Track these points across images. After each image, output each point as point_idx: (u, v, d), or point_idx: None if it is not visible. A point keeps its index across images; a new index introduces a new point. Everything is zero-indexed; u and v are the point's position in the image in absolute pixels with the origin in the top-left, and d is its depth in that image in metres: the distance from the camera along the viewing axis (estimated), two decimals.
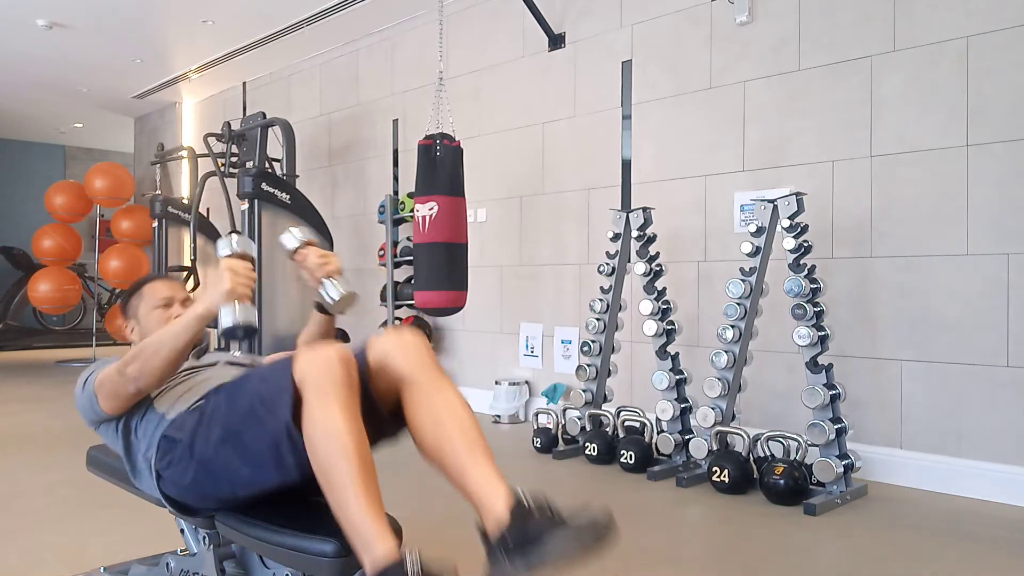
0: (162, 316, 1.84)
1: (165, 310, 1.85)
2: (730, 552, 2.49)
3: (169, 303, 1.86)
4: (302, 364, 1.35)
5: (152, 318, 1.85)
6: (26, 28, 5.79)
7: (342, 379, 1.31)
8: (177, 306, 1.86)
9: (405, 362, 1.48)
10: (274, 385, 1.39)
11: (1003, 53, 3.00)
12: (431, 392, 1.47)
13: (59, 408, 5.16)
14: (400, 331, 1.54)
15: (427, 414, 1.45)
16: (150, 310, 1.86)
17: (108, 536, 2.57)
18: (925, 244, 3.19)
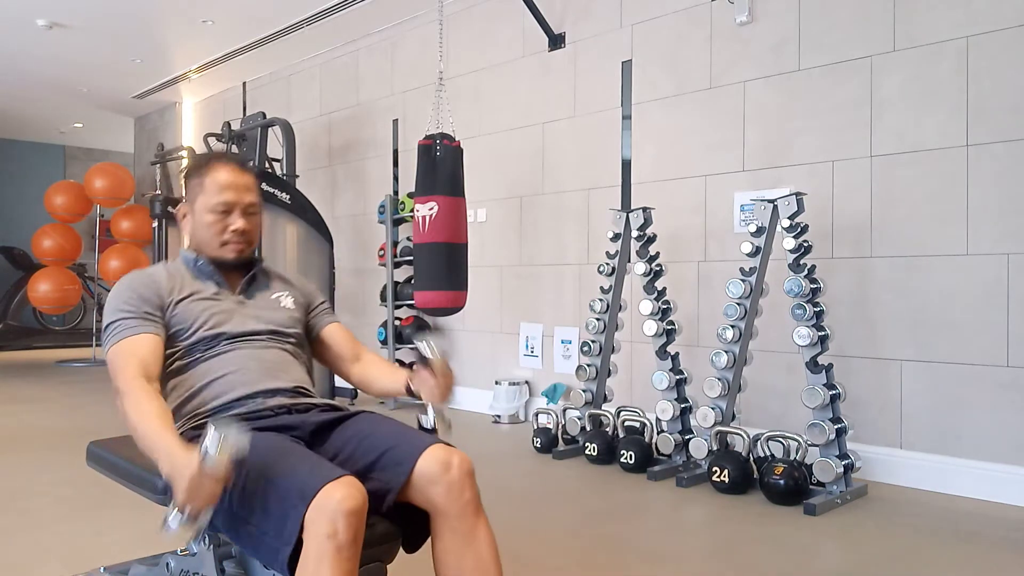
0: (217, 226, 1.64)
1: (222, 218, 1.64)
2: (730, 552, 2.49)
3: (229, 210, 1.64)
4: (312, 512, 1.25)
5: (205, 222, 1.65)
6: (26, 28, 5.79)
7: (345, 542, 1.24)
8: (237, 215, 1.65)
9: (446, 499, 1.43)
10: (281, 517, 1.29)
11: (1003, 53, 3.00)
12: (464, 541, 1.43)
13: (59, 408, 5.16)
14: (450, 460, 1.44)
15: (454, 564, 1.44)
16: (206, 210, 1.65)
17: (108, 536, 2.57)
18: (925, 244, 3.19)
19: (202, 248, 1.69)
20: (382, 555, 1.44)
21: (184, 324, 1.60)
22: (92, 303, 9.16)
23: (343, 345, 1.83)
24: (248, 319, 1.66)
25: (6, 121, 9.25)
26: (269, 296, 1.75)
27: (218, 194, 1.64)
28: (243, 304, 1.69)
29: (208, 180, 1.65)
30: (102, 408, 5.16)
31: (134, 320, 1.53)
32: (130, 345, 1.50)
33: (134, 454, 1.79)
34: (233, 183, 1.65)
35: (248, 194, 1.68)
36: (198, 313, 1.61)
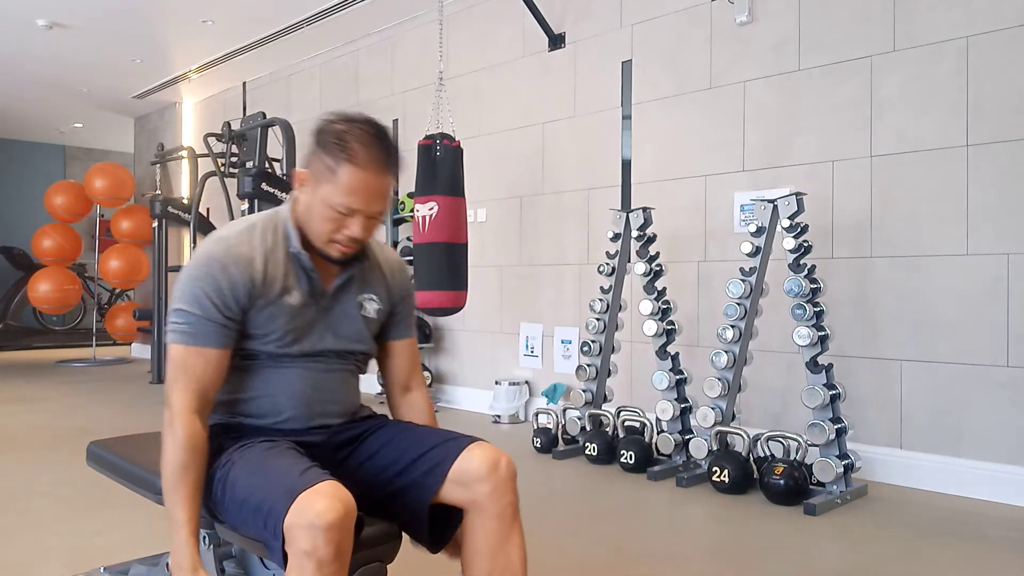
0: (331, 224, 1.42)
1: (340, 219, 1.41)
2: (730, 552, 2.49)
3: (349, 213, 1.41)
4: (292, 517, 1.21)
5: (320, 214, 1.42)
6: (26, 28, 5.79)
7: (326, 558, 1.18)
8: (357, 221, 1.42)
9: (490, 498, 1.41)
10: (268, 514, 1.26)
11: (1003, 53, 3.00)
12: (498, 543, 1.42)
13: (59, 408, 5.16)
14: (499, 459, 1.44)
15: (486, 565, 1.42)
16: (326, 204, 1.40)
17: (108, 536, 2.57)
18: (925, 244, 3.19)
19: (306, 231, 1.47)
20: (382, 555, 1.44)
21: (260, 330, 1.46)
22: (92, 303, 9.16)
23: (400, 369, 1.70)
24: (325, 334, 1.52)
25: (6, 121, 9.25)
26: (355, 299, 1.57)
27: (346, 195, 1.39)
28: (326, 313, 1.53)
29: (342, 172, 1.39)
30: (102, 408, 5.16)
31: (212, 325, 1.39)
32: (197, 358, 1.38)
33: (134, 454, 1.79)
34: (366, 188, 1.39)
35: (378, 202, 1.43)
36: (276, 326, 1.46)
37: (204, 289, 1.39)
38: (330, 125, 1.45)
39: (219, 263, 1.41)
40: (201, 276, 1.40)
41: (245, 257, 1.43)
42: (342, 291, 1.55)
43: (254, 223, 1.49)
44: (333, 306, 1.53)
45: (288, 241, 1.49)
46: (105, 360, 8.01)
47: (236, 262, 1.41)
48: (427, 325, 5.23)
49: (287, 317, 1.46)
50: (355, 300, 1.57)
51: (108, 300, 9.61)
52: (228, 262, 1.41)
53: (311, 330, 1.50)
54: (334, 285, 1.53)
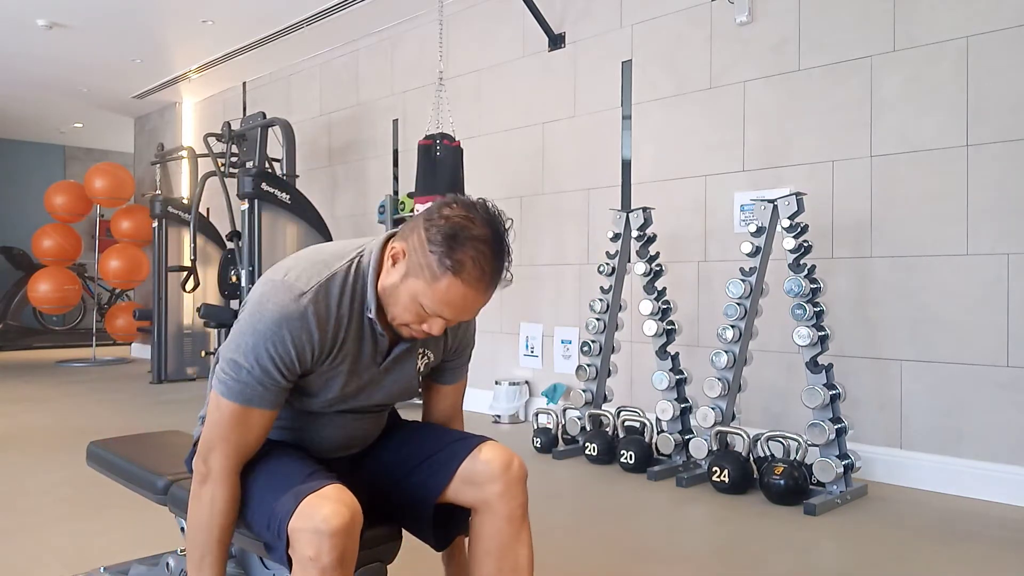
0: (413, 317, 1.33)
1: (424, 316, 1.33)
2: (730, 552, 2.49)
3: (429, 317, 1.33)
4: (296, 521, 1.19)
5: (406, 305, 1.32)
6: (26, 28, 5.79)
7: (329, 564, 1.16)
8: (439, 324, 1.33)
9: (500, 498, 1.39)
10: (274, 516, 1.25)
11: (1003, 53, 3.00)
12: (507, 544, 1.41)
13: (59, 408, 5.16)
14: (511, 460, 1.42)
15: (493, 566, 1.42)
16: (415, 298, 1.30)
17: (108, 536, 2.57)
18: (925, 244, 3.19)
19: (385, 305, 1.35)
20: (382, 555, 1.44)
21: (314, 386, 1.38)
22: (92, 303, 9.16)
23: (443, 410, 1.66)
24: (378, 393, 1.46)
25: (6, 121, 9.25)
26: (415, 359, 1.47)
27: (439, 305, 1.29)
28: (383, 374, 1.44)
29: (443, 283, 1.27)
30: (102, 408, 5.16)
31: (271, 389, 1.29)
32: (248, 420, 1.29)
33: (134, 454, 1.79)
34: (463, 303, 1.30)
35: (470, 314, 1.36)
36: (332, 388, 1.38)
37: (269, 350, 1.27)
38: (446, 212, 1.30)
39: (295, 323, 1.27)
40: (269, 335, 1.26)
41: (322, 321, 1.30)
42: (405, 354, 1.45)
43: (334, 272, 1.34)
44: (393, 368, 1.45)
45: (368, 318, 1.37)
46: (105, 360, 8.01)
47: (311, 327, 1.29)
48: None
49: (343, 382, 1.38)
50: (414, 361, 1.47)
51: (108, 300, 9.61)
52: (303, 325, 1.28)
53: (366, 389, 1.43)
54: (398, 349, 1.43)
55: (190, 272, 6.14)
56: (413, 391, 1.53)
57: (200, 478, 1.30)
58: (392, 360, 1.43)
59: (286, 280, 1.30)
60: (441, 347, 1.53)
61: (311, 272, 1.32)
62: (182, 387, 6.25)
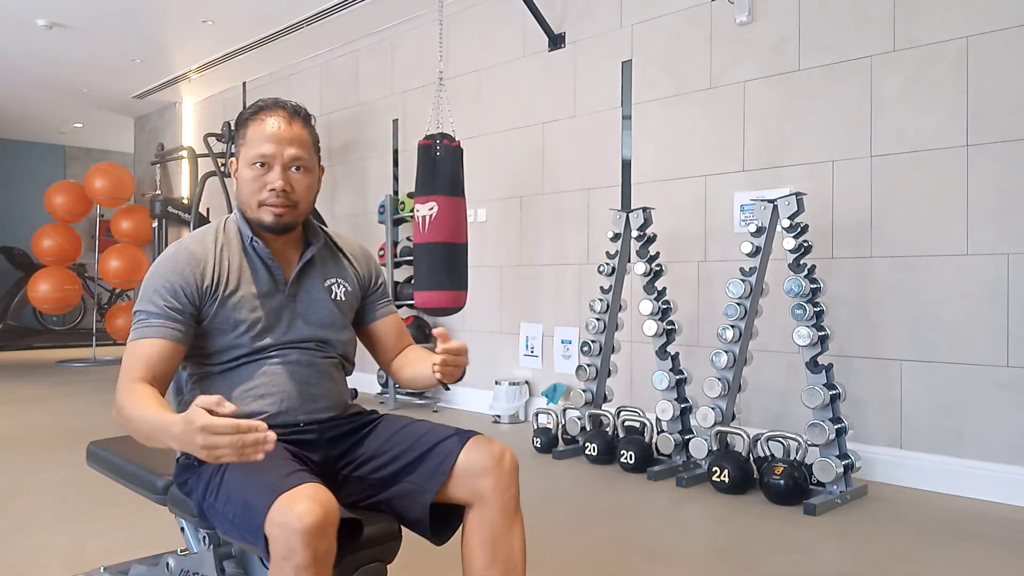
0: (254, 184, 1.49)
1: (261, 174, 1.49)
2: (730, 552, 2.49)
3: (268, 163, 1.49)
4: (272, 515, 1.18)
5: (244, 178, 1.51)
6: (26, 28, 5.79)
7: (303, 563, 1.15)
8: (277, 171, 1.49)
9: (493, 491, 1.42)
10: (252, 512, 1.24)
11: (1003, 53, 3.00)
12: (501, 533, 1.43)
13: (59, 408, 5.16)
14: (503, 453, 1.45)
15: (488, 557, 1.42)
16: (245, 164, 1.51)
17: (108, 536, 2.57)
18: (925, 244, 3.19)
19: (243, 209, 1.54)
20: (382, 555, 1.44)
21: (223, 326, 1.48)
22: (92, 303, 9.16)
23: (390, 340, 1.72)
24: (296, 322, 1.54)
25: (6, 121, 9.26)
26: (322, 284, 1.60)
27: (256, 146, 1.49)
28: (292, 301, 1.55)
29: (251, 130, 1.51)
30: (102, 408, 5.16)
31: (159, 319, 1.42)
32: (147, 348, 1.41)
33: (134, 454, 1.79)
34: (276, 134, 1.49)
35: (292, 146, 1.50)
36: (242, 317, 1.49)
37: (156, 285, 1.44)
38: (242, 112, 1.56)
39: (169, 264, 1.47)
40: (154, 276, 1.46)
41: (196, 256, 1.48)
42: (304, 276, 1.58)
43: (211, 225, 1.57)
44: (298, 293, 1.57)
45: (243, 237, 1.55)
46: (105, 360, 8.01)
47: (188, 261, 1.47)
48: (427, 325, 5.23)
49: (249, 307, 1.49)
50: (321, 285, 1.59)
51: (108, 300, 9.61)
52: (179, 264, 1.46)
53: (279, 319, 1.53)
54: (293, 274, 1.56)
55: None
56: (337, 319, 1.60)
57: (116, 402, 1.37)
58: (295, 284, 1.56)
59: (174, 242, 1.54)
60: (349, 271, 1.66)
61: (195, 231, 1.57)
62: None
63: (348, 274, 1.66)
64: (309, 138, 1.57)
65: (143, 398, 1.33)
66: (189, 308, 1.45)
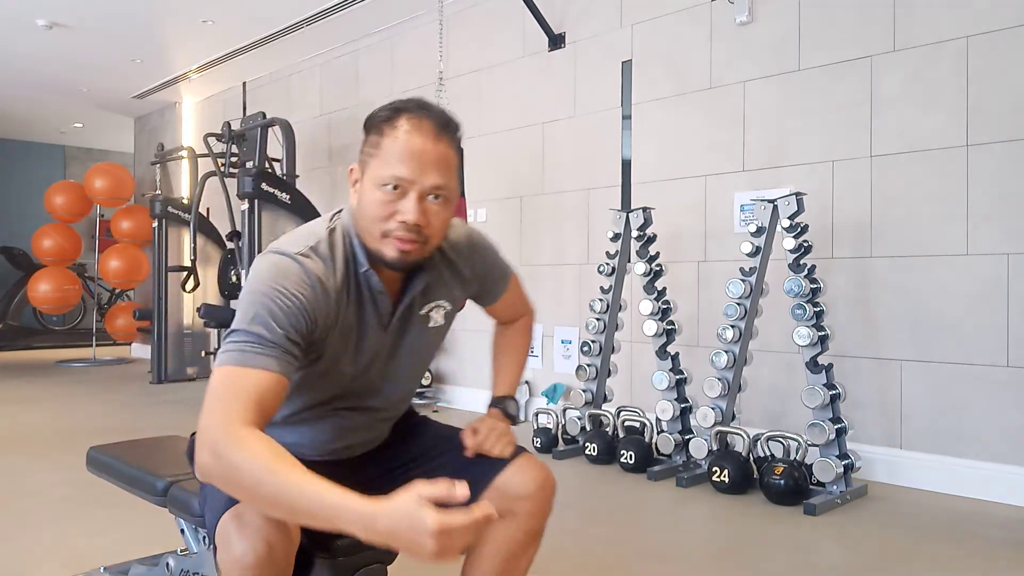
0: (381, 209, 1.20)
1: (392, 197, 1.19)
2: (730, 552, 2.49)
3: (402, 187, 1.19)
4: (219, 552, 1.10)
5: (369, 200, 1.21)
6: (26, 28, 5.78)
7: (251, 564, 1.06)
8: (412, 201, 1.19)
9: (527, 514, 1.37)
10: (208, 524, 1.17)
11: (1003, 53, 3.00)
12: (518, 552, 1.39)
13: (59, 408, 5.16)
14: (546, 479, 1.39)
15: (496, 565, 1.40)
16: (375, 182, 1.20)
17: (108, 536, 2.57)
18: (925, 244, 3.19)
19: (362, 234, 1.25)
20: (382, 555, 1.44)
21: (320, 358, 1.27)
22: (92, 303, 9.16)
23: (500, 316, 1.69)
24: (391, 365, 1.37)
25: (6, 121, 9.25)
26: (423, 314, 1.38)
27: (391, 165, 1.19)
28: (395, 339, 1.36)
29: (386, 142, 1.20)
30: (102, 408, 5.16)
31: (275, 348, 1.13)
32: (262, 382, 1.10)
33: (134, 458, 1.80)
34: (418, 154, 1.19)
35: (435, 172, 1.20)
36: (341, 355, 1.28)
37: (273, 305, 1.14)
38: (376, 111, 1.27)
39: (294, 278, 1.17)
40: (268, 293, 1.15)
41: (320, 279, 1.20)
42: (412, 312, 1.36)
43: (319, 237, 1.26)
44: (402, 330, 1.36)
45: (359, 265, 1.27)
46: (105, 360, 8.01)
47: (307, 290, 1.18)
48: None
49: (352, 353, 1.30)
50: (423, 313, 1.38)
51: (108, 300, 9.61)
52: (302, 281, 1.18)
53: (375, 361, 1.34)
54: (400, 310, 1.33)
55: (190, 272, 6.14)
56: (433, 345, 1.45)
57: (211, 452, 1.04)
58: (399, 320, 1.32)
59: (276, 247, 1.23)
60: (454, 290, 1.44)
61: (298, 239, 1.25)
62: (182, 387, 6.25)
63: (451, 289, 1.44)
64: (455, 159, 1.29)
65: (284, 459, 1.02)
66: (301, 341, 1.17)
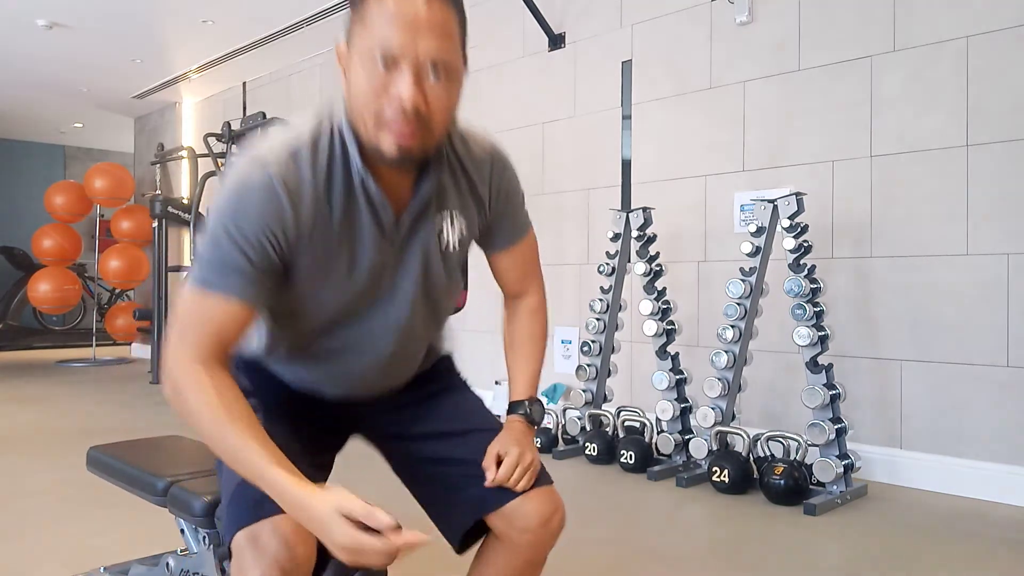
0: (373, 89, 1.02)
1: (382, 77, 1.01)
2: (730, 552, 2.49)
3: (393, 61, 1.00)
4: (235, 548, 1.07)
5: (358, 77, 1.03)
6: (26, 28, 5.79)
7: None
8: (406, 74, 1.00)
9: (528, 545, 1.26)
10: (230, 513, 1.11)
11: (1003, 53, 3.00)
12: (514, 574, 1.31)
13: (59, 408, 5.16)
14: (552, 516, 1.26)
15: None
16: (364, 56, 1.02)
17: (108, 536, 2.57)
18: (925, 244, 3.19)
19: (355, 123, 1.07)
20: None
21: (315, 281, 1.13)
22: (92, 303, 9.16)
23: (510, 281, 1.42)
24: (402, 287, 1.19)
25: (6, 121, 9.26)
26: (435, 225, 1.20)
27: (380, 33, 1.00)
28: (401, 252, 1.18)
29: (373, 6, 1.01)
30: (102, 408, 5.16)
31: (240, 274, 1.05)
32: (222, 310, 1.05)
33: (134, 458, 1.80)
34: (410, 16, 1.00)
35: (430, 40, 1.01)
36: (332, 271, 1.13)
37: (232, 226, 1.04)
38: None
39: (258, 193, 1.04)
40: (229, 210, 1.04)
41: (292, 188, 1.06)
42: (421, 224, 1.18)
43: (303, 135, 1.09)
44: (409, 244, 1.18)
45: (350, 166, 1.10)
46: (105, 360, 8.01)
47: (279, 196, 1.05)
48: None
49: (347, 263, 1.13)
50: (436, 225, 1.19)
51: (108, 300, 9.61)
52: (268, 196, 1.05)
53: (382, 278, 1.17)
54: (406, 219, 1.15)
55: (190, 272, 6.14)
56: (450, 268, 1.25)
57: (167, 389, 1.06)
58: (408, 231, 1.16)
59: (252, 155, 1.08)
60: (469, 207, 1.24)
61: (276, 142, 1.09)
62: None
63: (466, 205, 1.24)
64: (456, 28, 1.06)
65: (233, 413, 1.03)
66: (273, 259, 1.07)
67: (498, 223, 1.32)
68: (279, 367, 1.30)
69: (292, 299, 1.15)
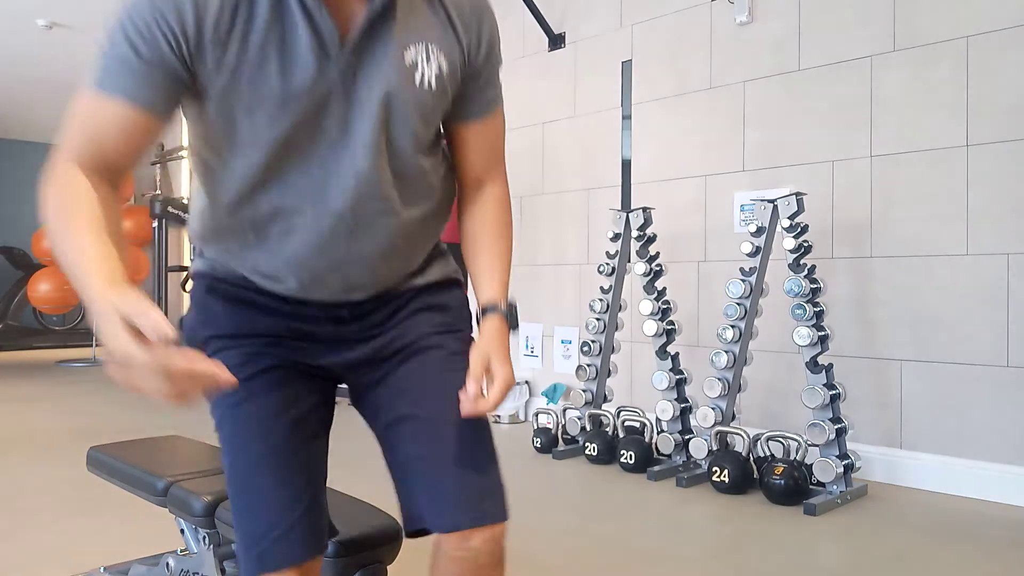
0: None
1: None
2: (730, 552, 2.49)
3: None
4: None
5: None
6: (26, 28, 5.79)
7: None
8: None
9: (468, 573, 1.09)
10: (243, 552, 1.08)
11: (1003, 53, 3.00)
12: None
13: (59, 408, 5.16)
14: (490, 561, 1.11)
15: None
16: None
17: (108, 536, 2.57)
18: (925, 244, 3.19)
19: None
20: (382, 555, 1.44)
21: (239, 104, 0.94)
22: None
23: (473, 163, 1.24)
24: (353, 121, 0.98)
25: (6, 121, 9.26)
26: (403, 57, 0.98)
27: None
28: (352, 81, 0.96)
29: None
30: (102, 408, 5.16)
31: (129, 67, 0.90)
32: (104, 111, 0.92)
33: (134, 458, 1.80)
34: None
35: None
36: (267, 95, 0.93)
37: (127, 15, 0.90)
38: None
39: None
40: (129, 2, 0.91)
41: None
42: (372, 39, 0.96)
43: None
44: (360, 69, 0.96)
45: None
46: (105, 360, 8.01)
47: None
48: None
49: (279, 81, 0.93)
50: (397, 55, 0.98)
51: None
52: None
53: (328, 107, 0.96)
54: (357, 31, 0.95)
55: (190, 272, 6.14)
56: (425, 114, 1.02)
57: (42, 184, 0.96)
58: (353, 51, 0.95)
59: None
60: (445, 43, 1.03)
61: None
62: None
63: (443, 40, 1.02)
64: None
65: (78, 213, 0.92)
66: (176, 65, 0.91)
67: (475, 84, 1.10)
68: (234, 260, 1.11)
69: (217, 127, 0.96)
